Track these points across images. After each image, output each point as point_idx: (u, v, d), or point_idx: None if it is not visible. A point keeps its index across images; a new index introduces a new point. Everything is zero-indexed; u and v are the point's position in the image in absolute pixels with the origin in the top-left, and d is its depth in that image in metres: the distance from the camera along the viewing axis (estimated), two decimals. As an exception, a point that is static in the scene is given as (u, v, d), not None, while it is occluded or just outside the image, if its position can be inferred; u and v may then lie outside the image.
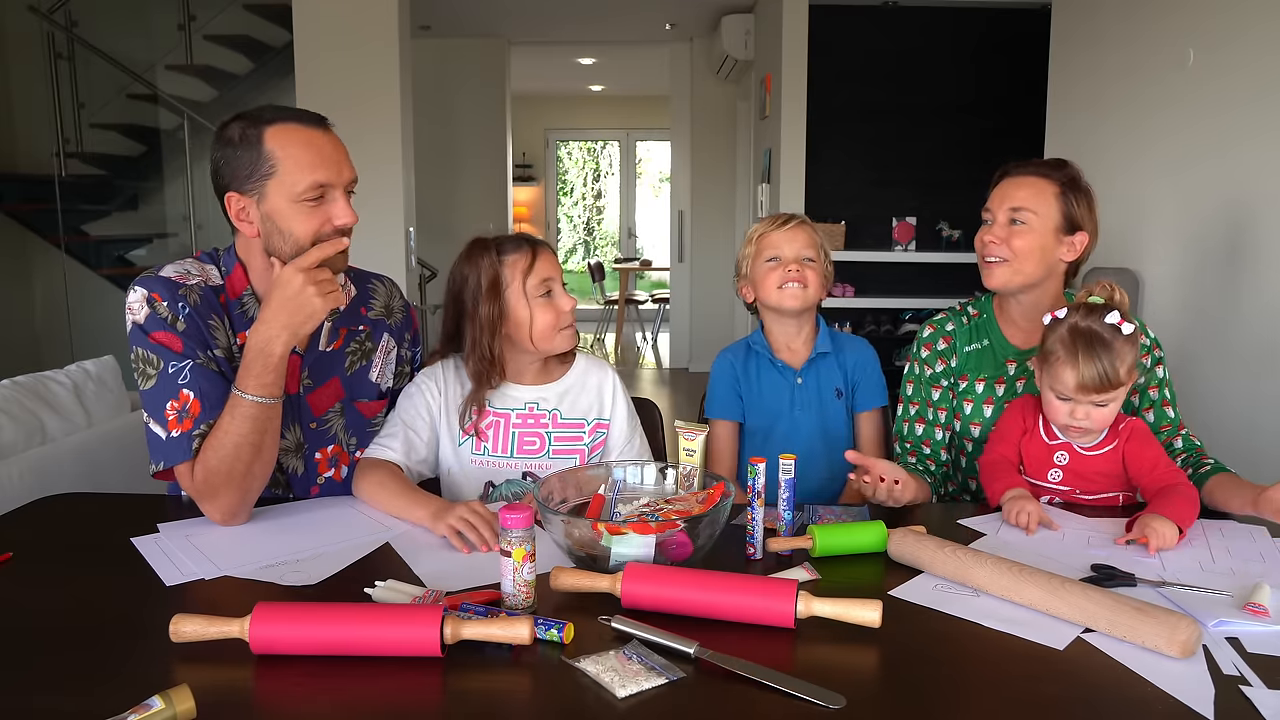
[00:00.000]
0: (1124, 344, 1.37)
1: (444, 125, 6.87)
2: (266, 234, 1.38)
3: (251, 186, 1.36)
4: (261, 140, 1.34)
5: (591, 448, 1.58)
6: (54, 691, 0.90)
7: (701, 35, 6.87)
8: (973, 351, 1.68)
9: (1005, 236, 1.57)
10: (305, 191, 1.35)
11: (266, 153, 1.34)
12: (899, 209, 5.24)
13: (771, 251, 1.72)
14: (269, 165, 1.34)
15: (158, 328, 1.37)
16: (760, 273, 1.73)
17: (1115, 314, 1.39)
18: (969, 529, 1.35)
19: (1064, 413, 1.42)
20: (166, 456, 1.35)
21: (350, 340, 1.57)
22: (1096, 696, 0.89)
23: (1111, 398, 1.39)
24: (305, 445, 1.52)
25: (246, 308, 1.46)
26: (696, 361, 7.36)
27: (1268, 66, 2.57)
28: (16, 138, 5.20)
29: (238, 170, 1.36)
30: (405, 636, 0.94)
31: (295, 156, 1.35)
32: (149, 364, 1.37)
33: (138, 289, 1.39)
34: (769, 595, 1.01)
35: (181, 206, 5.35)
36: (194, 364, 1.36)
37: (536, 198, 10.94)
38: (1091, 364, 1.36)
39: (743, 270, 1.78)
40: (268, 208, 1.36)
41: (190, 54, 5.29)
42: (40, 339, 5.20)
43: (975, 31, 5.18)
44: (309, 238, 1.37)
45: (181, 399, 1.35)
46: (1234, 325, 2.72)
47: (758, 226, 1.78)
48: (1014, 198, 1.58)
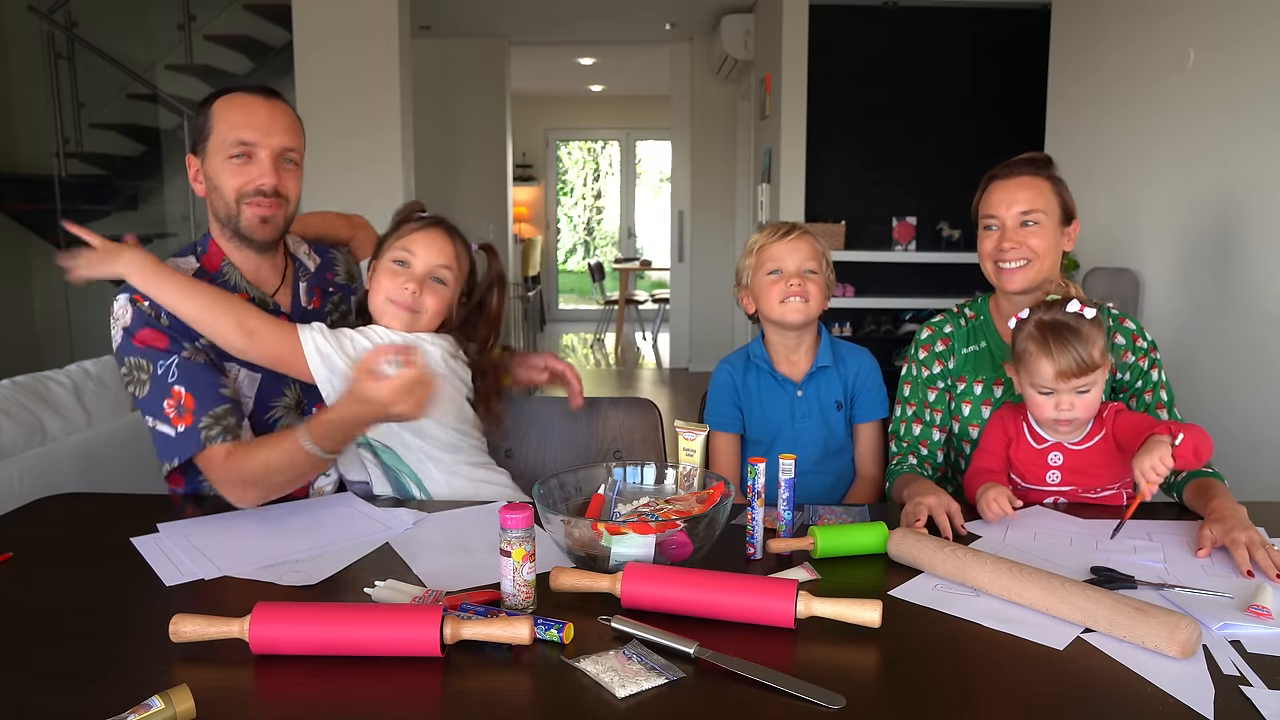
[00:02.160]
0: (1090, 327, 1.41)
1: (444, 125, 6.87)
2: (209, 192, 1.49)
3: (200, 148, 1.48)
4: (210, 105, 1.48)
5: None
6: (54, 691, 0.90)
7: (701, 35, 6.87)
8: (970, 354, 1.69)
9: (1022, 239, 1.58)
10: (230, 148, 1.45)
11: (210, 114, 1.47)
12: (899, 209, 5.24)
13: (773, 264, 1.70)
14: (209, 126, 1.47)
15: (142, 325, 1.39)
16: (761, 285, 1.72)
17: (1074, 303, 1.43)
18: (969, 532, 1.35)
19: (1049, 408, 1.43)
20: (179, 452, 1.39)
21: (326, 301, 1.63)
22: (1096, 696, 0.89)
23: (1090, 382, 1.41)
24: (304, 401, 1.56)
25: (227, 276, 1.51)
26: (696, 361, 7.36)
27: (1268, 68, 2.57)
28: (16, 138, 5.20)
29: (194, 135, 1.50)
30: (405, 636, 0.94)
31: (227, 117, 1.46)
32: (140, 370, 1.39)
33: (119, 296, 1.43)
34: (769, 595, 1.01)
35: (181, 206, 5.35)
36: (179, 359, 1.39)
37: (536, 198, 10.94)
38: (1065, 351, 1.39)
39: (743, 280, 1.77)
40: (208, 167, 1.48)
41: (190, 54, 5.29)
42: (40, 339, 5.20)
43: (975, 31, 5.18)
44: (233, 193, 1.46)
45: (175, 395, 1.38)
46: (1233, 324, 2.72)
47: (758, 237, 1.75)
48: (1020, 200, 1.59)
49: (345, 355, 1.41)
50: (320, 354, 1.40)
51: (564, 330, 10.32)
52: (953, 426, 1.69)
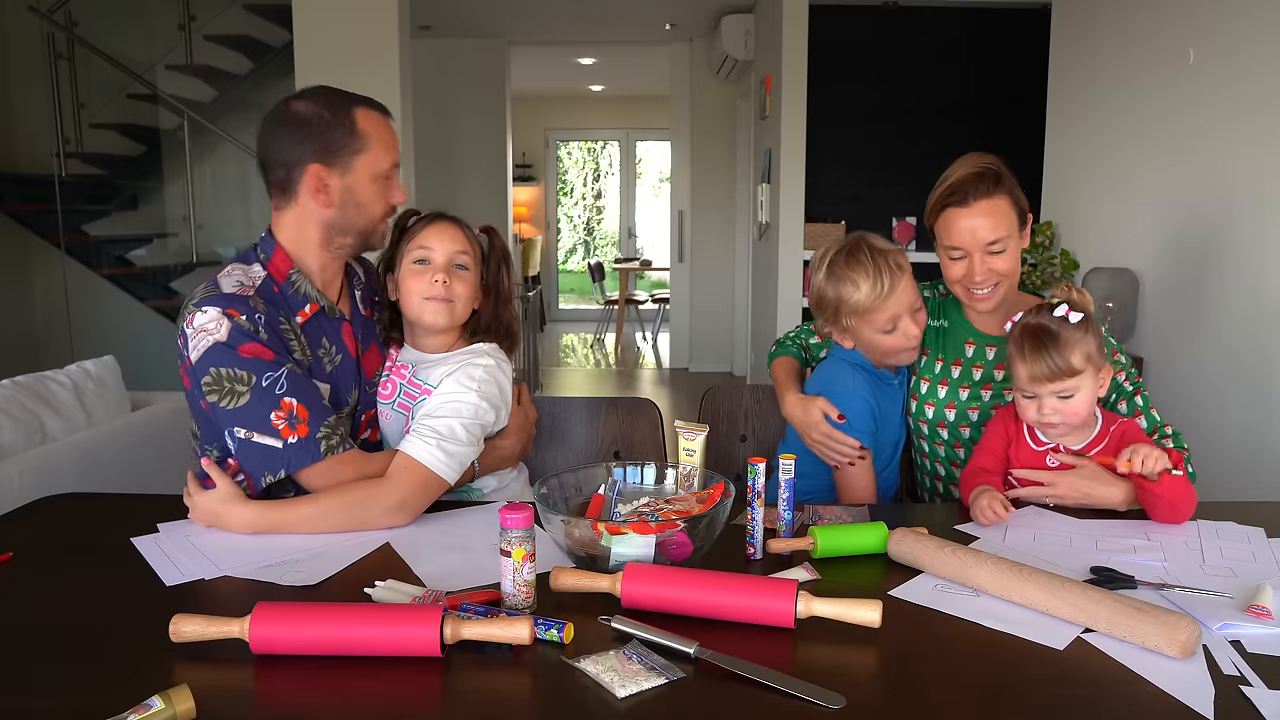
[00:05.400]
0: (1073, 333, 1.40)
1: (444, 125, 6.87)
2: (342, 206, 1.44)
3: (339, 160, 1.43)
4: (353, 118, 1.43)
5: (415, 410, 1.52)
6: (54, 691, 0.90)
7: (701, 35, 6.87)
8: (935, 328, 1.72)
9: (990, 265, 1.58)
10: (386, 170, 1.47)
11: (360, 130, 1.43)
12: (899, 209, 5.24)
13: (890, 325, 1.59)
14: (361, 141, 1.43)
15: (245, 340, 1.35)
16: (871, 338, 1.62)
17: (1063, 307, 1.42)
18: (968, 533, 1.35)
19: (1031, 410, 1.44)
20: (291, 462, 1.35)
21: (374, 310, 1.62)
22: (1096, 696, 0.89)
23: (1071, 387, 1.40)
24: (361, 407, 1.54)
25: (297, 285, 1.46)
26: (696, 361, 7.37)
27: (1268, 68, 2.57)
28: (16, 138, 5.20)
29: (328, 144, 1.42)
30: (405, 636, 0.94)
31: (381, 137, 1.45)
32: (237, 381, 1.34)
33: (208, 309, 1.35)
34: (769, 595, 1.01)
35: (181, 206, 5.35)
36: (289, 371, 1.36)
37: (536, 198, 10.95)
38: (1039, 357, 1.39)
39: (842, 323, 1.62)
40: (350, 181, 1.44)
41: (190, 54, 5.29)
42: (40, 339, 5.20)
43: (975, 31, 5.18)
44: (381, 213, 1.48)
45: (285, 407, 1.34)
46: (1233, 324, 2.72)
47: (870, 299, 1.57)
48: (984, 229, 1.56)
49: (473, 427, 1.45)
50: (451, 461, 1.40)
51: (564, 330, 10.31)
52: (909, 404, 1.70)
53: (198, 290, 1.40)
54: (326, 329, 1.49)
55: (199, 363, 1.35)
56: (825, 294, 1.61)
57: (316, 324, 1.48)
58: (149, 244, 5.50)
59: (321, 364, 1.47)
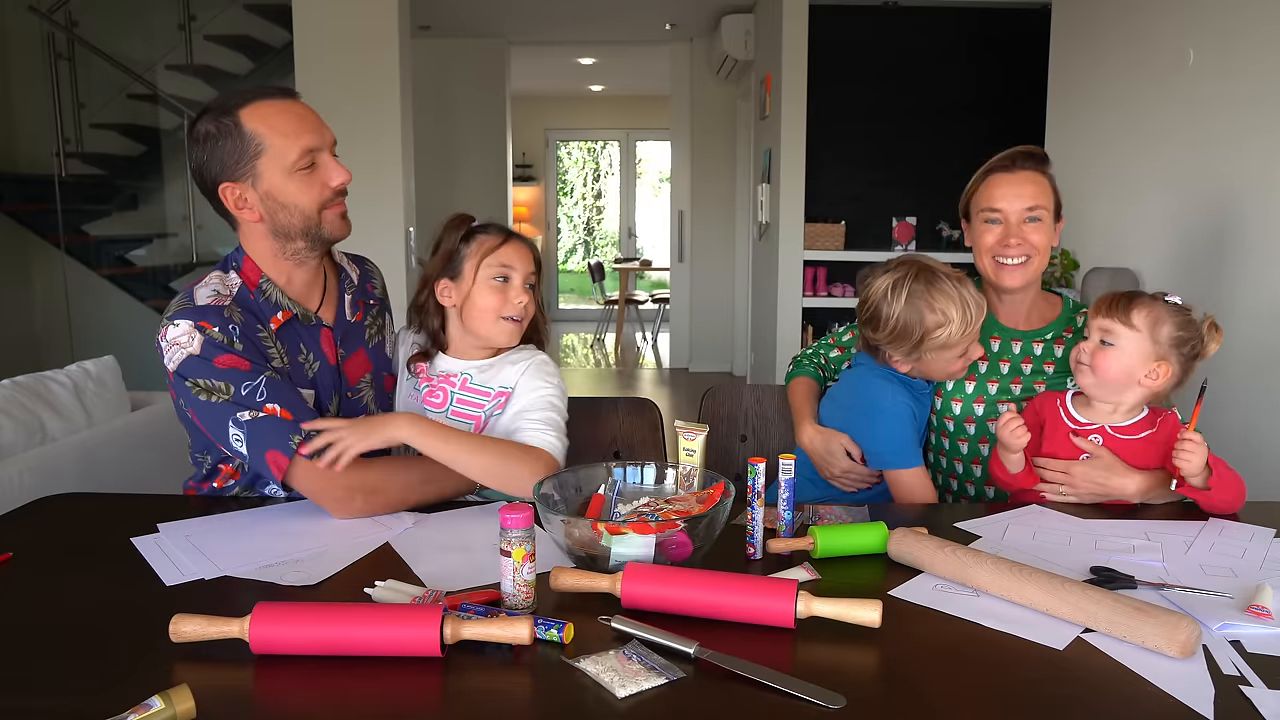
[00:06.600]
0: (1155, 302, 1.47)
1: (444, 125, 6.87)
2: (270, 214, 1.39)
3: (243, 171, 1.37)
4: (239, 124, 1.35)
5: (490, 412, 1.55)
6: (54, 691, 0.90)
7: (701, 35, 6.87)
8: None
9: (1025, 234, 1.59)
10: (298, 160, 1.37)
11: (249, 134, 1.35)
12: (899, 209, 5.24)
13: (963, 352, 1.58)
14: (255, 145, 1.35)
15: (219, 352, 1.34)
16: (944, 367, 1.60)
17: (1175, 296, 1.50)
18: (968, 532, 1.35)
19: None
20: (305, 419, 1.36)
21: (368, 314, 1.60)
22: (1096, 696, 0.89)
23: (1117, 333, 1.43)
24: (341, 415, 1.53)
25: (268, 294, 1.45)
26: (696, 361, 7.37)
27: (1268, 68, 2.57)
28: (16, 138, 5.20)
29: (225, 160, 1.36)
30: (405, 636, 0.94)
31: (279, 129, 1.36)
32: (219, 392, 1.34)
33: (180, 322, 1.35)
34: (769, 595, 1.01)
35: (181, 206, 5.35)
36: (267, 378, 1.35)
37: (536, 198, 10.95)
38: (1114, 295, 1.46)
39: (921, 354, 1.58)
40: (265, 187, 1.38)
41: (190, 54, 5.29)
42: (40, 339, 5.20)
43: (975, 31, 5.18)
44: (315, 205, 1.39)
45: (268, 413, 1.34)
46: (1233, 324, 2.72)
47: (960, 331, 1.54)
48: (1026, 195, 1.59)
49: (564, 413, 1.54)
50: (562, 447, 1.49)
51: (564, 330, 10.31)
52: (935, 403, 1.69)
53: (173, 302, 1.39)
54: (303, 336, 1.48)
55: (176, 376, 1.36)
56: (910, 326, 1.53)
57: (291, 331, 1.46)
58: (149, 244, 5.50)
59: (302, 370, 1.46)
